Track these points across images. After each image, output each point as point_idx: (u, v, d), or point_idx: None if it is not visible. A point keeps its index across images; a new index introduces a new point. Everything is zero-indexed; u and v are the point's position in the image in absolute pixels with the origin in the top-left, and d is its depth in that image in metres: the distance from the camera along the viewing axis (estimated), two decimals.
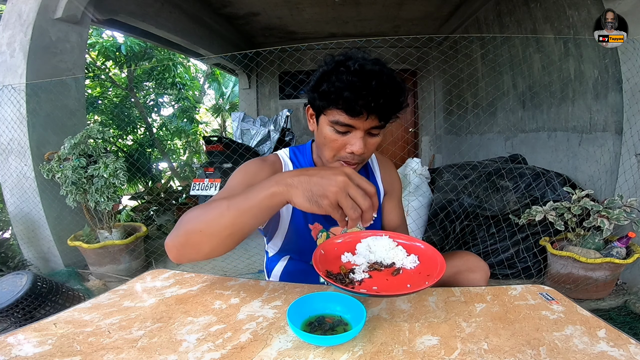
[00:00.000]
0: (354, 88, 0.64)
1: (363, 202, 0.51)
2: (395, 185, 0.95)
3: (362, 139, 0.69)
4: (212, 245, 0.57)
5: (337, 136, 0.70)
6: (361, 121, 0.67)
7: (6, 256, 2.19)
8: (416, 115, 6.01)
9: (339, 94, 0.65)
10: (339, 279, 0.56)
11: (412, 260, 0.62)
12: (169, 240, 0.60)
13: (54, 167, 2.21)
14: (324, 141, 0.73)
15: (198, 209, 0.59)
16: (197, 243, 0.57)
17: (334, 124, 0.69)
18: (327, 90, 0.67)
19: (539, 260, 2.12)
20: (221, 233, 0.56)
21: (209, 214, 0.57)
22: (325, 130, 0.72)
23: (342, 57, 0.70)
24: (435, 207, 2.58)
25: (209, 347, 0.48)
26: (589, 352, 0.47)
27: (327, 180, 0.50)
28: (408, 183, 2.74)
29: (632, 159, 1.97)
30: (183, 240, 0.58)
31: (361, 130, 0.68)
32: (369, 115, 0.66)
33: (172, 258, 0.61)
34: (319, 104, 0.71)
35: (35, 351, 0.46)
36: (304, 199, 0.50)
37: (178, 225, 0.60)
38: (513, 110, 3.57)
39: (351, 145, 0.69)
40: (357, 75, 0.64)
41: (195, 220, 0.58)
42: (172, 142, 7.58)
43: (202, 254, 0.59)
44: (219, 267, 2.55)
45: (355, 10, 4.43)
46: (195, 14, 4.19)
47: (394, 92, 0.67)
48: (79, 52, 2.66)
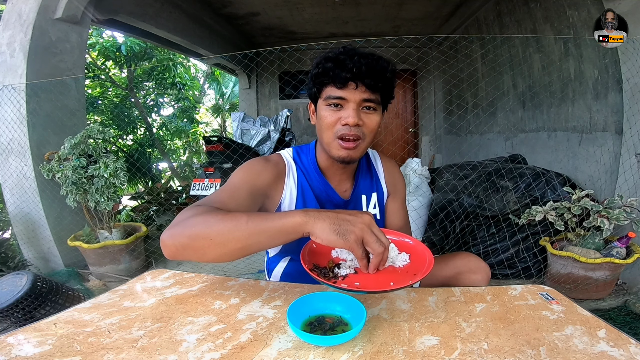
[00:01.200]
0: (338, 61, 0.72)
1: (385, 240, 0.55)
2: (399, 187, 0.95)
3: (355, 111, 0.73)
4: (218, 253, 0.56)
5: (332, 112, 0.75)
6: (351, 92, 0.72)
7: (6, 256, 2.19)
8: (416, 115, 6.01)
9: (326, 70, 0.73)
10: (323, 272, 0.57)
11: (403, 258, 0.62)
12: (167, 238, 0.57)
13: (54, 167, 2.21)
14: (322, 122, 0.77)
15: (208, 215, 0.58)
16: (203, 248, 0.56)
17: (328, 99, 0.75)
18: (318, 73, 0.75)
19: (539, 260, 2.12)
20: (232, 245, 0.55)
21: (224, 223, 0.55)
22: (322, 113, 0.77)
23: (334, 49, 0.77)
24: (435, 207, 2.58)
25: (209, 347, 0.48)
26: (589, 352, 0.47)
27: (355, 218, 0.54)
28: (408, 183, 2.74)
29: (632, 159, 1.97)
30: (187, 243, 0.56)
31: (353, 102, 0.73)
32: (358, 85, 0.72)
33: (167, 254, 0.59)
34: (314, 90, 0.77)
35: (35, 351, 0.46)
36: (330, 232, 0.52)
37: (181, 224, 0.58)
38: (513, 110, 3.57)
39: (345, 117, 0.73)
40: (343, 53, 0.73)
41: (205, 226, 0.56)
42: (172, 142, 7.58)
43: (204, 259, 0.58)
44: (219, 267, 2.55)
45: (355, 10, 4.43)
46: (195, 14, 4.19)
47: (378, 63, 0.72)
48: (79, 52, 2.66)
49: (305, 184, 0.83)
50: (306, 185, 0.83)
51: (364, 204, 0.88)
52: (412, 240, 0.68)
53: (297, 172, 0.83)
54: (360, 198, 0.88)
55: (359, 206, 0.87)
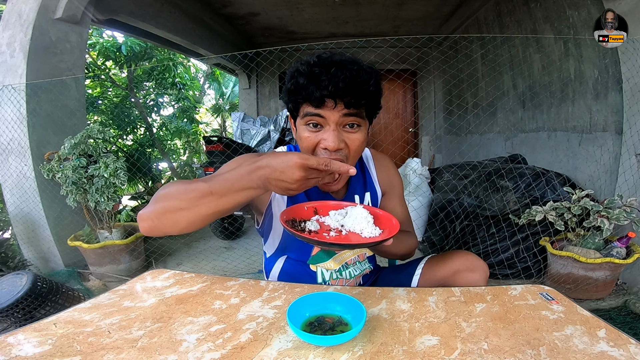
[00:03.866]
0: (313, 76, 0.64)
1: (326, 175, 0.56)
2: (395, 184, 0.94)
3: (334, 132, 0.66)
4: (189, 219, 0.59)
5: (310, 133, 0.69)
6: (329, 111, 0.66)
7: (6, 256, 2.19)
8: (416, 115, 6.01)
9: (299, 87, 0.66)
10: (294, 225, 0.59)
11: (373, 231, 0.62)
12: (143, 212, 0.60)
13: (54, 167, 2.21)
14: (302, 144, 0.71)
15: (177, 185, 0.61)
16: (174, 216, 0.59)
17: (305, 117, 0.68)
18: (292, 89, 0.68)
19: (539, 260, 2.12)
20: (200, 210, 0.58)
21: (190, 193, 0.58)
22: (300, 132, 0.71)
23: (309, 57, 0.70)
24: (435, 207, 2.58)
25: (209, 347, 0.48)
26: (589, 352, 0.47)
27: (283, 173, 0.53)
28: (408, 183, 2.74)
29: (632, 159, 1.97)
30: (160, 214, 0.59)
31: (332, 122, 0.66)
32: (336, 104, 0.65)
33: (143, 229, 0.62)
34: (291, 106, 0.71)
35: (35, 351, 0.46)
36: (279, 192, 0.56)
37: (155, 199, 0.61)
38: (513, 110, 3.57)
39: (324, 140, 0.67)
40: (317, 66, 0.65)
41: (175, 197, 0.59)
42: (172, 142, 7.57)
43: (177, 228, 0.60)
44: (219, 267, 2.55)
45: (355, 10, 4.43)
46: (195, 14, 4.19)
47: (357, 75, 0.64)
48: (79, 52, 2.66)
49: None
50: None
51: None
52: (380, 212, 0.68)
53: None
54: (354, 199, 0.87)
55: None
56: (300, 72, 0.66)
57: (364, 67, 0.67)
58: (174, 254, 2.84)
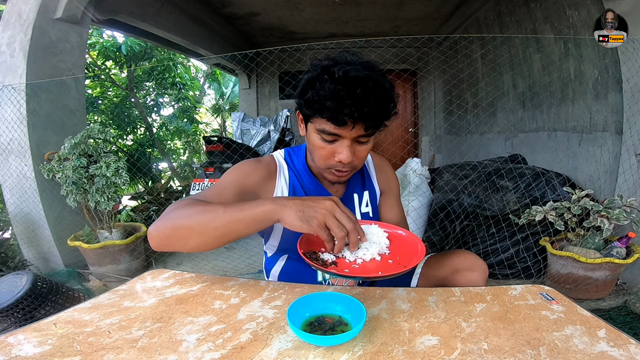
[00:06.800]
0: (337, 97, 0.62)
1: (348, 223, 0.57)
2: (392, 184, 0.96)
3: (349, 148, 0.69)
4: (199, 242, 0.61)
5: (324, 144, 0.71)
6: (347, 130, 0.67)
7: (6, 256, 2.19)
8: (416, 115, 6.01)
9: (322, 103, 0.64)
10: (313, 258, 0.60)
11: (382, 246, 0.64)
12: (152, 230, 0.62)
13: (55, 167, 2.21)
14: (313, 149, 0.74)
15: (190, 207, 0.62)
16: (185, 237, 0.61)
17: (321, 132, 0.69)
18: (312, 99, 0.66)
19: (539, 260, 2.12)
20: (212, 234, 0.60)
21: (203, 214, 0.60)
22: (313, 138, 0.72)
23: (328, 62, 0.68)
24: (435, 207, 2.58)
25: (209, 347, 0.48)
26: (589, 352, 0.47)
27: (317, 204, 0.57)
28: (408, 183, 2.74)
29: (632, 159, 1.97)
30: (170, 233, 0.61)
31: (348, 139, 0.68)
32: (355, 124, 0.65)
33: (153, 246, 0.63)
34: (305, 112, 0.71)
35: (35, 351, 0.46)
36: (295, 218, 0.56)
37: (166, 216, 0.62)
38: (513, 110, 3.57)
39: (339, 154, 0.70)
40: (341, 83, 0.63)
41: (186, 217, 0.61)
42: (172, 142, 7.57)
43: (187, 248, 0.62)
44: (219, 267, 2.55)
45: (355, 10, 4.43)
46: (195, 14, 4.19)
47: (381, 100, 0.65)
48: (79, 52, 2.66)
49: (296, 184, 0.83)
50: (297, 185, 0.83)
51: (356, 202, 0.89)
52: (404, 232, 0.69)
53: (289, 172, 0.84)
54: (352, 197, 0.88)
55: (350, 205, 0.88)
56: (322, 83, 0.64)
57: (386, 88, 0.67)
58: (174, 254, 2.83)
